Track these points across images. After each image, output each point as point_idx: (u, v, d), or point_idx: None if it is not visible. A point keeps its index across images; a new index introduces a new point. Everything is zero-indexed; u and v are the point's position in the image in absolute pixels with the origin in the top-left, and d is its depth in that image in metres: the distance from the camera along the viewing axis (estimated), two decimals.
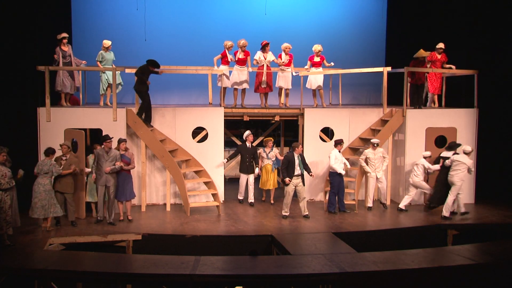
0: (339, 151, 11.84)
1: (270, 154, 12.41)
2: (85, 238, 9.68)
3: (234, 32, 14.86)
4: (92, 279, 8.00)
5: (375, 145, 11.94)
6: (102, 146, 10.48)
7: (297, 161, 11.03)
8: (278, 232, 10.14)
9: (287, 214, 11.26)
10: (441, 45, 13.13)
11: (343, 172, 11.68)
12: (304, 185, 11.23)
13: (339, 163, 11.69)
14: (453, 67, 13.06)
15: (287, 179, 11.01)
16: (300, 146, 11.32)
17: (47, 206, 9.75)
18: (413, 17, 15.61)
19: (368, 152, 12.01)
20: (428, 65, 13.10)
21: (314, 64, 13.40)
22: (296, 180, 11.06)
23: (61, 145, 10.44)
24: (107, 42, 12.49)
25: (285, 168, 11.05)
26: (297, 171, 11.03)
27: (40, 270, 7.80)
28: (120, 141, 10.79)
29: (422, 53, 13.03)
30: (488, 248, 9.10)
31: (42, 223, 10.00)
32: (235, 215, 11.53)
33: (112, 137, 10.59)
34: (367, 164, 12.03)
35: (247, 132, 12.43)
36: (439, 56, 13.10)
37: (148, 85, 11.70)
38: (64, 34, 12.20)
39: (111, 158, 10.40)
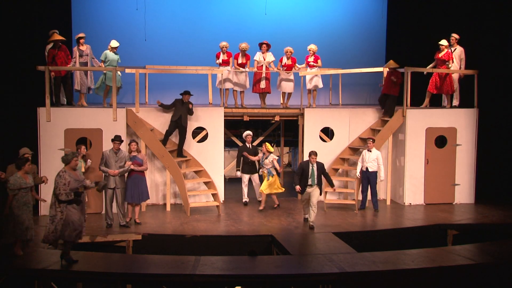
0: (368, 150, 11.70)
1: (265, 161, 11.88)
2: (85, 238, 9.65)
3: (234, 32, 14.87)
4: (92, 279, 8.02)
5: None
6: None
7: (310, 172, 10.33)
8: (278, 232, 10.13)
9: (307, 216, 10.74)
10: (442, 42, 12.75)
11: (357, 175, 11.80)
12: (320, 194, 10.65)
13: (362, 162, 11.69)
14: (451, 65, 12.82)
15: (297, 187, 10.38)
16: (314, 156, 10.36)
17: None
18: (413, 17, 15.60)
19: None
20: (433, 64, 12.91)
21: (309, 64, 13.22)
22: (309, 189, 10.37)
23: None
24: (114, 43, 12.35)
25: (298, 176, 10.40)
26: (309, 182, 10.33)
27: (40, 270, 7.81)
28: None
29: (391, 64, 12.68)
30: (488, 248, 9.12)
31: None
32: (235, 215, 11.53)
33: (123, 140, 10.55)
34: None
35: (246, 132, 12.33)
36: (440, 55, 12.76)
37: (179, 115, 11.90)
38: (81, 34, 12.29)
39: (120, 159, 10.19)
